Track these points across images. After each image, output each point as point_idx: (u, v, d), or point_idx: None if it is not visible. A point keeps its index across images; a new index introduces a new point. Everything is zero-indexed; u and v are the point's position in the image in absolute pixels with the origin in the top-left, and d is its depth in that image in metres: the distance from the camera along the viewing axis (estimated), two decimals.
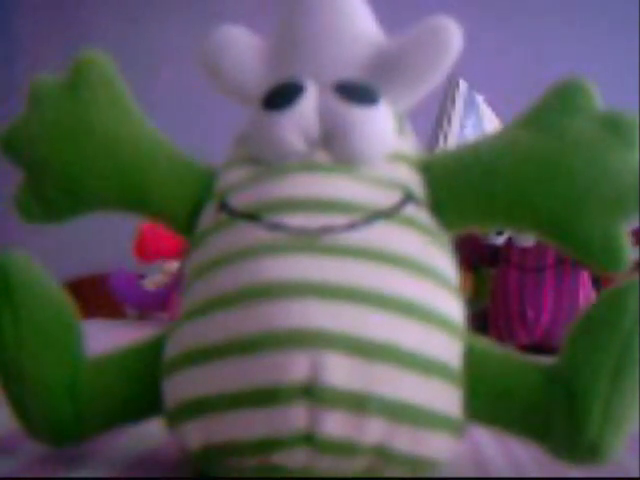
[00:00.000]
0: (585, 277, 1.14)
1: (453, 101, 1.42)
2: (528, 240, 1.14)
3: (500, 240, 1.21)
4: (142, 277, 1.50)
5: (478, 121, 1.47)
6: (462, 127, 1.43)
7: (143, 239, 1.40)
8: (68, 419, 0.42)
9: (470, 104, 1.46)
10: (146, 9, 2.38)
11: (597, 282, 1.15)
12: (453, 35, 0.44)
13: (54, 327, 0.42)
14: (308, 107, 0.43)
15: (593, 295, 1.14)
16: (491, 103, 1.52)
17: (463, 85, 1.45)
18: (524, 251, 1.16)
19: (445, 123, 1.37)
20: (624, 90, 1.83)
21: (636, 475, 0.46)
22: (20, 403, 0.43)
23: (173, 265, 1.46)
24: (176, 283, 1.39)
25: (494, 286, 1.21)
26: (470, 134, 1.43)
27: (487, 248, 1.22)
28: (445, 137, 1.36)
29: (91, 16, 2.41)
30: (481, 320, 1.21)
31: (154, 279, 1.48)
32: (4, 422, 0.48)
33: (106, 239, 1.99)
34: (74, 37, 2.36)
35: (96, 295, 1.63)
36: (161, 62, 2.30)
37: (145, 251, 1.42)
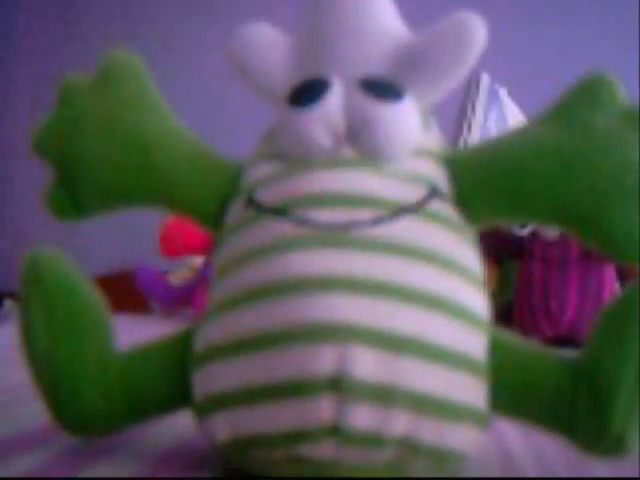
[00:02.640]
0: (610, 270, 1.14)
1: (477, 94, 1.42)
2: (552, 232, 1.14)
3: (524, 232, 1.20)
4: (167, 273, 1.51)
5: (501, 114, 1.47)
6: (485, 121, 1.42)
7: (168, 235, 1.41)
8: (98, 411, 0.43)
9: (493, 97, 1.46)
10: (159, 8, 2.38)
11: (622, 275, 1.14)
12: (477, 30, 0.44)
13: (85, 320, 0.43)
14: (334, 103, 0.43)
15: (618, 288, 1.13)
16: (514, 96, 1.51)
17: (486, 78, 1.44)
18: (548, 244, 1.16)
19: (469, 112, 1.37)
20: None
21: None
22: (51, 395, 0.43)
23: (197, 261, 1.47)
24: (201, 279, 1.40)
25: (518, 279, 1.20)
26: (493, 127, 1.43)
27: (511, 241, 1.22)
28: (469, 127, 1.36)
29: (96, 19, 2.42)
30: (505, 313, 1.20)
31: (179, 274, 1.49)
32: (36, 415, 0.49)
33: (132, 236, 2.00)
34: (77, 42, 2.37)
35: (123, 291, 1.63)
36: (181, 59, 2.30)
37: (170, 247, 1.42)
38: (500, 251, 1.23)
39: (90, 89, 0.46)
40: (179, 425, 0.49)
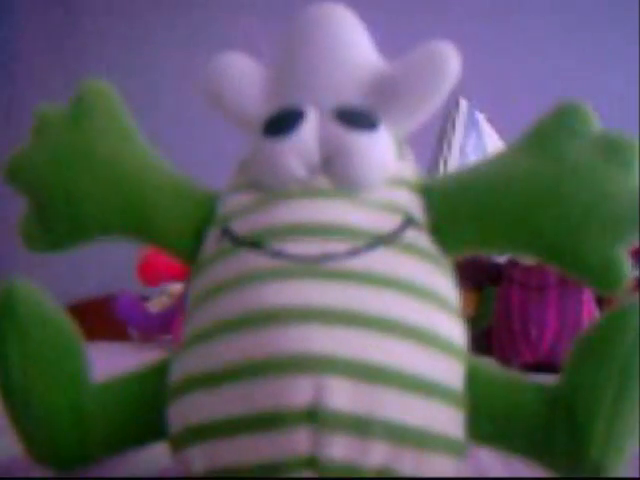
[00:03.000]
0: (588, 295, 1.14)
1: (454, 120, 1.42)
2: (530, 259, 1.14)
3: (502, 258, 1.21)
4: (146, 299, 1.50)
5: (479, 139, 1.47)
6: (463, 146, 1.43)
7: (147, 262, 1.40)
8: (72, 443, 0.42)
9: (471, 123, 1.46)
10: (147, 28, 2.38)
11: (600, 300, 1.15)
12: (451, 60, 0.44)
13: (59, 353, 0.43)
14: (308, 133, 0.43)
15: (596, 313, 1.13)
16: (492, 121, 1.52)
17: (464, 103, 1.45)
18: (527, 269, 1.16)
19: (445, 146, 1.38)
20: (625, 100, 1.84)
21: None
22: (25, 428, 0.43)
23: (177, 287, 1.46)
24: (180, 305, 1.39)
25: (497, 304, 1.20)
26: (471, 153, 1.44)
27: (490, 267, 1.22)
28: (445, 162, 1.36)
29: (92, 30, 2.42)
30: (485, 339, 1.20)
31: (158, 301, 1.48)
32: (9, 448, 0.48)
33: (110, 261, 1.99)
34: (75, 57, 2.37)
35: (100, 317, 1.62)
36: (163, 84, 2.31)
37: (149, 274, 1.42)
38: (479, 277, 1.23)
39: (65, 119, 0.46)
40: (155, 457, 0.48)
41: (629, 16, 2.00)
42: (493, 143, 1.48)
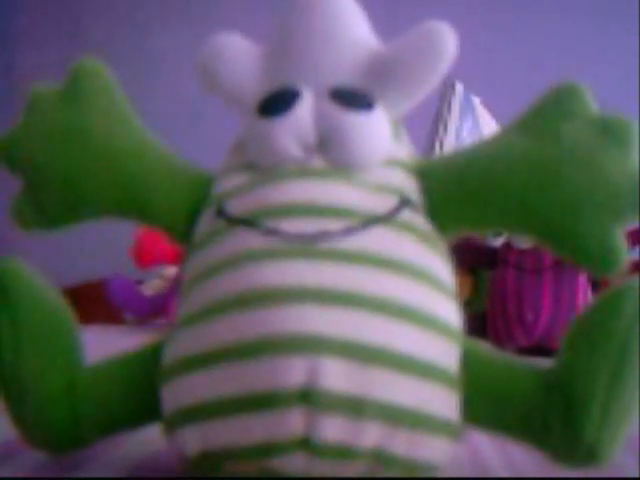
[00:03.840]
0: (584, 279, 1.14)
1: (449, 104, 1.42)
2: (526, 241, 1.14)
3: (498, 242, 1.21)
4: (140, 283, 1.50)
5: (475, 123, 1.47)
6: (459, 130, 1.43)
7: (141, 245, 1.40)
8: (66, 425, 0.42)
9: (467, 106, 1.46)
10: (146, 14, 2.37)
11: (596, 283, 1.15)
12: (448, 40, 0.44)
13: (52, 333, 0.43)
14: (303, 113, 0.43)
15: (591, 296, 1.14)
16: (488, 105, 1.52)
17: (459, 87, 1.45)
18: (522, 253, 1.16)
19: (441, 129, 1.38)
20: (623, 90, 1.84)
21: (633, 474, 0.46)
22: (18, 410, 0.43)
23: (171, 270, 1.46)
24: (174, 288, 1.39)
25: (492, 288, 1.21)
26: (467, 136, 1.44)
27: (485, 250, 1.22)
28: (441, 144, 1.36)
29: (91, 22, 2.41)
30: (480, 322, 1.21)
31: (152, 284, 1.48)
32: (2, 430, 0.48)
33: (104, 245, 1.99)
34: (73, 44, 2.36)
35: (94, 301, 1.62)
36: (161, 67, 2.30)
37: (143, 257, 1.42)
38: (474, 261, 1.23)
39: (59, 99, 0.46)
40: (148, 439, 0.48)
41: (629, 5, 2.00)
42: (489, 127, 1.48)
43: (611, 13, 2.06)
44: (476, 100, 1.49)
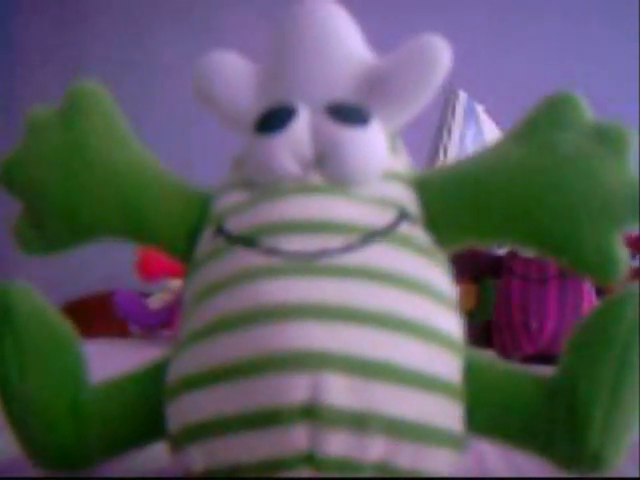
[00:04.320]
0: (588, 287, 1.14)
1: (453, 112, 1.42)
2: (529, 250, 1.14)
3: (502, 251, 1.21)
4: (146, 296, 1.50)
5: (478, 131, 1.47)
6: (462, 138, 1.43)
7: (145, 258, 1.40)
8: (70, 444, 0.42)
9: (470, 114, 1.46)
10: (147, 24, 2.38)
11: (601, 291, 1.15)
12: (442, 52, 0.44)
13: (56, 354, 0.43)
14: (300, 129, 0.43)
15: (596, 303, 1.13)
16: (491, 113, 1.52)
17: (463, 95, 1.45)
18: (527, 262, 1.16)
19: (445, 135, 1.38)
20: (624, 93, 1.84)
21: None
22: (23, 430, 0.43)
23: (177, 283, 1.46)
24: (180, 301, 1.39)
25: (497, 297, 1.20)
26: (470, 144, 1.44)
27: (489, 259, 1.22)
28: (445, 150, 1.36)
29: (92, 28, 2.42)
30: (485, 331, 1.20)
31: (158, 297, 1.48)
32: (5, 447, 0.48)
33: (109, 258, 1.99)
34: (74, 50, 2.37)
35: (100, 314, 1.62)
36: (163, 78, 2.30)
37: (147, 270, 1.42)
38: (478, 270, 1.23)
39: (56, 120, 0.46)
40: (155, 456, 0.48)
41: (629, 11, 2.00)
42: (492, 134, 1.48)
43: (611, 19, 2.06)
44: (479, 108, 1.49)
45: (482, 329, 1.20)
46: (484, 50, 2.00)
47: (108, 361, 0.46)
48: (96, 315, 1.60)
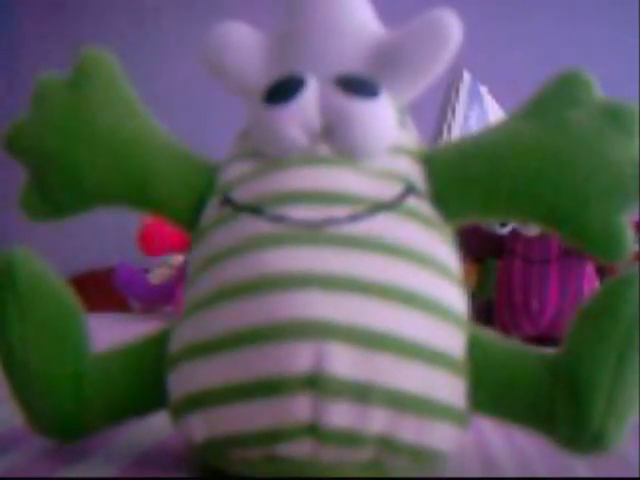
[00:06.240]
0: (590, 268, 1.14)
1: (457, 92, 1.42)
2: (532, 230, 1.14)
3: (504, 231, 1.20)
4: (147, 271, 1.51)
5: (482, 112, 1.47)
6: (466, 118, 1.42)
7: (147, 233, 1.40)
8: (73, 413, 0.42)
9: (474, 95, 1.46)
10: (149, 5, 2.38)
11: (602, 273, 1.15)
12: (452, 28, 0.44)
13: (59, 322, 0.43)
14: (309, 101, 0.43)
15: (598, 286, 1.13)
16: (495, 94, 1.52)
17: (467, 76, 1.44)
18: (529, 242, 1.16)
19: (449, 115, 1.37)
20: (627, 75, 1.83)
21: (636, 464, 0.46)
22: (25, 398, 0.43)
23: (178, 258, 1.47)
24: (181, 277, 1.39)
25: (499, 277, 1.21)
26: (474, 125, 1.43)
27: (492, 239, 1.22)
28: (449, 129, 1.36)
29: (93, 15, 2.41)
30: (486, 311, 1.21)
31: (159, 273, 1.49)
32: (8, 418, 0.49)
33: (111, 233, 2.00)
34: (76, 35, 2.36)
35: (102, 289, 1.63)
36: (164, 57, 2.30)
37: (149, 245, 1.42)
38: (481, 250, 1.23)
39: (65, 88, 0.46)
40: (156, 426, 0.49)
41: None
42: (496, 116, 1.48)
43: (614, 6, 2.06)
44: (483, 89, 1.49)
45: (483, 309, 1.20)
46: (489, 32, 1.99)
47: (109, 335, 0.46)
48: (97, 290, 1.61)
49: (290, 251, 0.39)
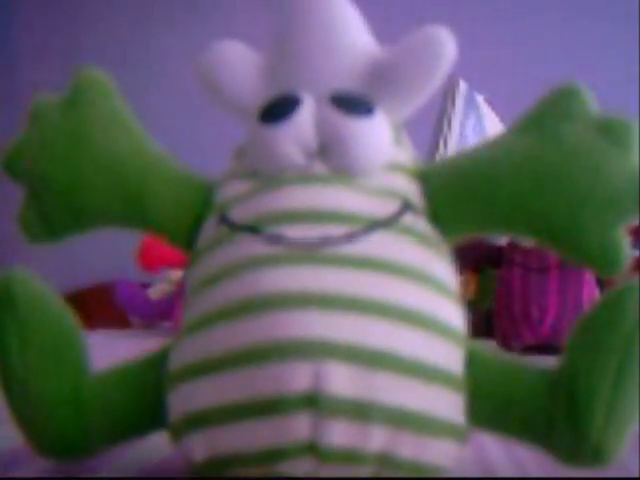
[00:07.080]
0: (589, 277, 1.14)
1: (453, 102, 1.42)
2: (530, 240, 1.14)
3: (503, 240, 1.21)
4: (147, 286, 1.51)
5: (478, 121, 1.47)
6: (462, 128, 1.43)
7: (146, 248, 1.40)
8: (72, 433, 0.42)
9: (470, 104, 1.46)
10: (147, 19, 2.38)
11: (601, 281, 1.15)
12: (447, 44, 0.44)
13: (58, 343, 0.43)
14: (304, 119, 0.43)
15: (597, 294, 1.13)
16: (491, 103, 1.52)
17: (463, 85, 1.45)
18: (527, 251, 1.16)
19: (445, 127, 1.37)
20: (624, 90, 1.83)
21: (637, 474, 0.46)
22: (25, 418, 0.43)
23: (177, 274, 1.47)
24: (181, 292, 1.39)
25: (498, 287, 1.20)
26: (470, 134, 1.43)
27: (490, 249, 1.22)
28: (445, 141, 1.36)
29: (91, 27, 2.42)
30: (486, 321, 1.20)
31: (158, 288, 1.49)
32: (8, 438, 0.48)
33: (110, 248, 1.99)
34: (74, 49, 2.36)
35: (101, 305, 1.63)
36: (161, 73, 2.30)
37: (148, 261, 1.42)
38: (480, 260, 1.23)
39: (60, 108, 0.46)
40: (154, 447, 0.48)
41: (630, 2, 2.00)
42: (493, 125, 1.48)
43: (613, 12, 2.06)
44: (479, 98, 1.49)
45: (483, 319, 1.20)
46: (485, 40, 2.00)
47: (108, 352, 0.46)
48: (96, 305, 1.61)
49: (287, 271, 0.39)
